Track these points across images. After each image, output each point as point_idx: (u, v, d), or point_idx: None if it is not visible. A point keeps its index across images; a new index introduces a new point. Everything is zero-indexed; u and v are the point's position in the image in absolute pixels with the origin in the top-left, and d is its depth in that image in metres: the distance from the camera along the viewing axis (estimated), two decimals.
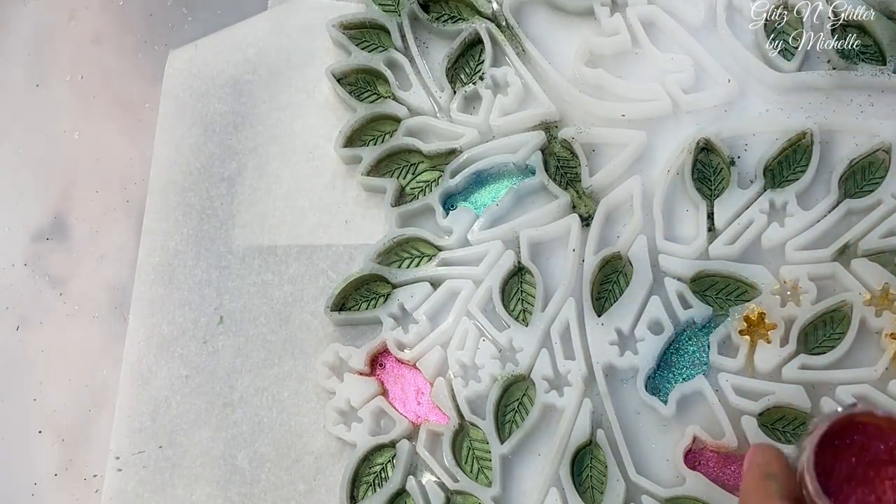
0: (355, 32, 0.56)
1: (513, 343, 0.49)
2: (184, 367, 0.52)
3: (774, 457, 0.37)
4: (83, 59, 0.61)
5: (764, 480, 0.36)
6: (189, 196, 0.55)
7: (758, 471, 0.37)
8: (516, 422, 0.48)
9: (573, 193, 0.52)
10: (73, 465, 0.52)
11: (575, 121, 0.53)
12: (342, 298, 0.51)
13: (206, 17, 0.61)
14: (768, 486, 0.36)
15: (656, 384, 0.48)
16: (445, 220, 0.51)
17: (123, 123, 0.59)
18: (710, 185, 0.51)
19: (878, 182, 0.49)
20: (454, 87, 0.54)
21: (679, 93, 0.52)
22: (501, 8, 0.55)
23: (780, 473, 0.36)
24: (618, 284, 0.50)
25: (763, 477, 0.37)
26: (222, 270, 0.53)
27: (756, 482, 0.37)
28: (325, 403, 0.50)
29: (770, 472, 0.37)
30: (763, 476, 0.37)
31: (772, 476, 0.36)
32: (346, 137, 0.54)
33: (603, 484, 0.46)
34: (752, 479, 0.37)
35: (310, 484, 0.49)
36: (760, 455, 0.38)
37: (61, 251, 0.57)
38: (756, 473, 0.37)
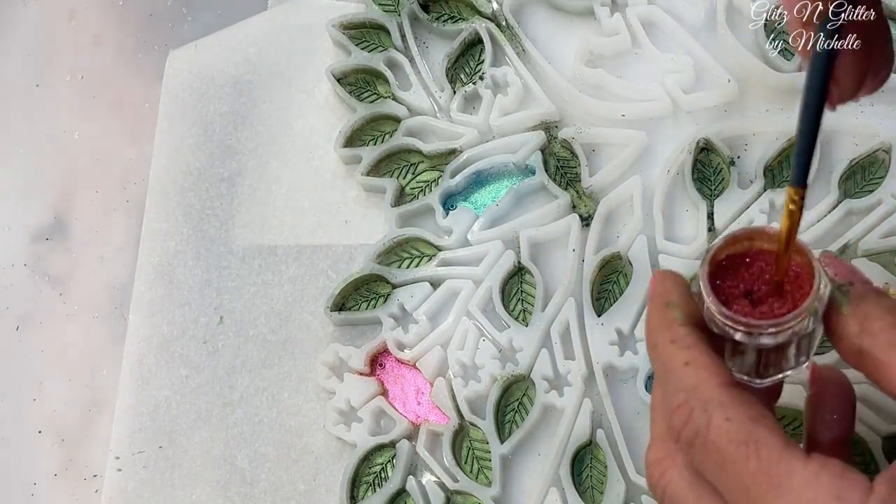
0: (355, 32, 0.56)
1: (513, 343, 0.49)
2: (184, 367, 0.52)
3: (673, 284, 0.36)
4: (83, 59, 0.61)
5: (664, 310, 0.35)
6: (189, 196, 0.55)
7: (658, 301, 0.36)
8: (516, 422, 0.48)
9: (573, 193, 0.52)
10: (73, 465, 0.52)
11: (575, 121, 0.53)
12: (342, 298, 0.51)
13: (206, 17, 0.61)
14: (668, 314, 0.35)
15: None
16: (445, 220, 0.51)
17: (123, 123, 0.59)
18: (710, 185, 0.51)
19: (878, 182, 0.49)
20: (454, 87, 0.54)
21: (679, 93, 0.52)
22: (501, 8, 0.55)
23: (680, 300, 0.35)
24: (618, 284, 0.50)
25: (663, 306, 0.35)
26: (222, 270, 0.53)
27: (657, 312, 0.36)
28: (325, 403, 0.50)
29: (670, 300, 0.35)
30: (663, 305, 0.35)
31: (672, 304, 0.35)
32: (346, 137, 0.54)
33: (603, 484, 0.46)
34: (653, 310, 0.36)
35: (310, 484, 0.49)
36: (659, 284, 0.36)
37: (61, 251, 0.57)
38: (656, 303, 0.36)
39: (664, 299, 0.36)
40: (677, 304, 0.35)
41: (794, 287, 0.35)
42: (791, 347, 0.35)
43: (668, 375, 0.34)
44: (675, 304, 0.35)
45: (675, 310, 0.35)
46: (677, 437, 0.34)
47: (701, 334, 0.35)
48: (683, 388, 0.33)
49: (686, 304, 0.35)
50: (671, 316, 0.35)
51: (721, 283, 0.35)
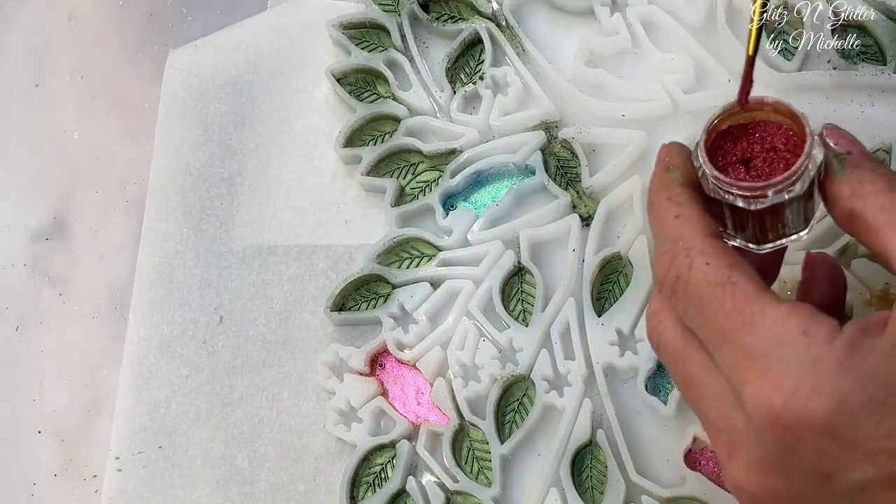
0: (355, 32, 0.56)
1: (513, 343, 0.49)
2: (184, 367, 0.52)
3: (676, 151, 0.38)
4: (83, 59, 0.61)
5: (665, 172, 0.38)
6: (189, 196, 0.55)
7: (661, 165, 0.38)
8: (516, 422, 0.48)
9: (573, 193, 0.52)
10: (73, 465, 0.52)
11: (575, 121, 0.53)
12: (342, 298, 0.51)
13: (206, 17, 0.61)
14: (668, 175, 0.37)
15: (656, 384, 0.48)
16: (445, 220, 0.51)
17: (123, 123, 0.59)
18: None
19: None
20: (454, 87, 0.54)
21: (679, 93, 0.52)
22: (501, 8, 0.55)
23: (681, 164, 0.38)
24: (618, 284, 0.50)
25: (664, 169, 0.38)
26: (222, 270, 0.53)
27: (658, 174, 0.38)
28: (325, 403, 0.50)
29: (671, 163, 0.38)
30: (664, 169, 0.38)
31: (672, 167, 0.37)
32: (346, 137, 0.54)
33: (603, 484, 0.46)
34: (655, 173, 0.38)
35: (310, 484, 0.49)
36: (665, 151, 0.38)
37: (61, 251, 0.57)
38: (659, 168, 0.38)
39: (666, 163, 0.38)
40: (677, 166, 0.37)
41: (792, 155, 0.36)
42: (787, 212, 0.36)
43: (660, 229, 0.37)
44: (676, 166, 0.37)
45: (675, 172, 0.37)
46: (661, 282, 0.36)
47: (695, 195, 0.37)
48: (670, 237, 0.36)
49: (685, 167, 0.38)
50: (670, 178, 0.37)
51: (720, 151, 0.37)
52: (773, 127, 0.37)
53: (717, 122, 0.37)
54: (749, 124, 0.38)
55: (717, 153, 0.37)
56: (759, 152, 0.37)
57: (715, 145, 0.37)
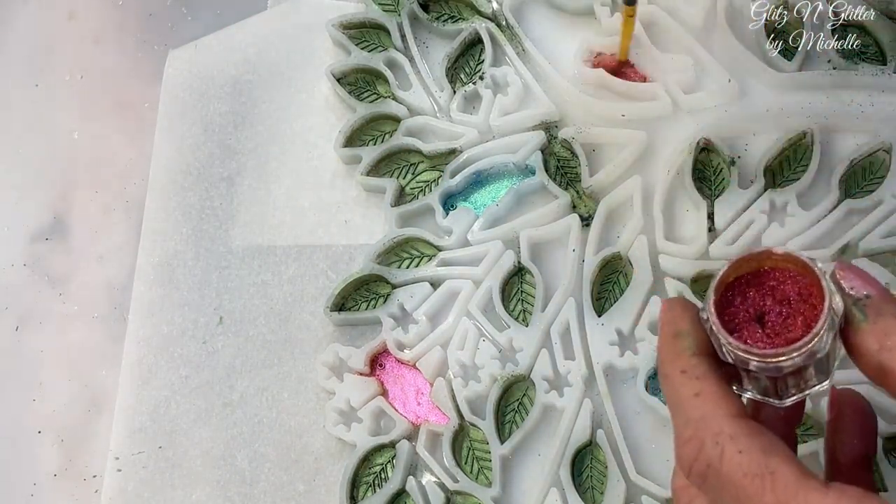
0: (355, 32, 0.56)
1: (513, 343, 0.49)
2: (184, 367, 0.52)
3: (681, 312, 0.35)
4: (83, 59, 0.61)
5: (674, 339, 0.35)
6: (189, 196, 0.55)
7: (667, 330, 0.35)
8: (516, 422, 0.48)
9: (573, 193, 0.52)
10: (73, 465, 0.52)
11: (575, 121, 0.53)
12: (342, 299, 0.51)
13: (206, 17, 0.61)
14: (678, 343, 0.34)
15: (656, 384, 0.48)
16: (445, 220, 0.51)
17: (123, 123, 0.59)
18: (710, 185, 0.51)
19: (878, 182, 0.49)
20: (454, 87, 0.54)
21: (679, 93, 0.52)
22: (501, 8, 0.55)
23: (690, 328, 0.34)
24: (618, 285, 0.50)
25: (673, 336, 0.35)
26: (222, 270, 0.53)
27: (667, 343, 0.35)
28: (325, 403, 0.50)
29: (679, 329, 0.34)
30: (673, 335, 0.35)
31: (681, 333, 0.34)
32: (346, 137, 0.54)
33: (603, 484, 0.46)
34: (663, 340, 0.35)
35: (309, 484, 0.49)
36: (668, 312, 0.35)
37: (61, 251, 0.57)
38: (666, 333, 0.35)
39: (673, 328, 0.35)
40: (687, 332, 0.34)
41: (807, 307, 0.34)
42: (810, 368, 0.34)
43: (678, 407, 0.34)
44: (685, 332, 0.34)
45: (685, 339, 0.34)
46: (688, 470, 0.33)
47: (712, 363, 0.34)
48: (692, 419, 0.33)
49: (696, 332, 0.35)
50: (681, 346, 0.34)
51: (729, 308, 0.35)
52: (782, 275, 0.35)
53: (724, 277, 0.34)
54: (758, 273, 0.35)
55: (728, 310, 0.34)
56: (772, 306, 0.34)
57: (724, 300, 0.35)
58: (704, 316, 0.35)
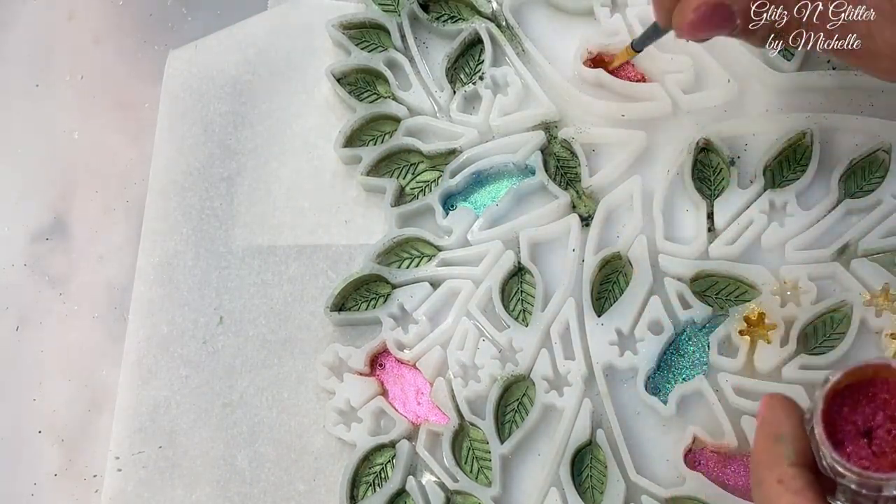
0: (355, 32, 0.56)
1: (513, 343, 0.49)
2: (184, 367, 0.52)
3: (785, 415, 0.34)
4: (83, 59, 0.61)
5: (773, 443, 0.33)
6: (189, 196, 0.55)
7: (767, 431, 0.34)
8: (516, 422, 0.48)
9: (573, 193, 0.52)
10: (73, 465, 0.52)
11: (575, 121, 0.53)
12: (342, 298, 0.51)
13: (206, 17, 0.61)
14: (777, 450, 0.33)
15: (656, 384, 0.48)
16: (445, 220, 0.51)
17: (123, 123, 0.59)
18: (710, 185, 0.51)
19: (878, 182, 0.49)
20: (454, 87, 0.54)
21: (679, 93, 0.52)
22: (501, 8, 0.55)
23: (791, 435, 0.33)
24: (618, 284, 0.50)
25: (773, 439, 0.33)
26: (222, 270, 0.53)
27: (765, 445, 0.34)
28: (325, 403, 0.50)
29: (780, 433, 0.33)
30: (773, 438, 0.33)
31: (782, 438, 0.33)
32: (346, 137, 0.54)
33: (603, 484, 0.46)
34: (761, 442, 0.34)
35: (310, 484, 0.49)
36: (770, 412, 0.34)
37: (61, 251, 0.57)
38: (765, 434, 0.34)
39: (774, 431, 0.34)
40: (788, 438, 0.33)
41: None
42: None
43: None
44: (786, 438, 0.33)
45: (786, 446, 0.33)
46: None
47: (811, 476, 0.33)
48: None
49: (797, 439, 0.33)
50: (780, 452, 0.33)
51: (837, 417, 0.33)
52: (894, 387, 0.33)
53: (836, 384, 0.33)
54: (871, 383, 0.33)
55: (834, 419, 0.33)
56: (881, 421, 0.33)
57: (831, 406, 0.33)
58: (808, 417, 0.33)
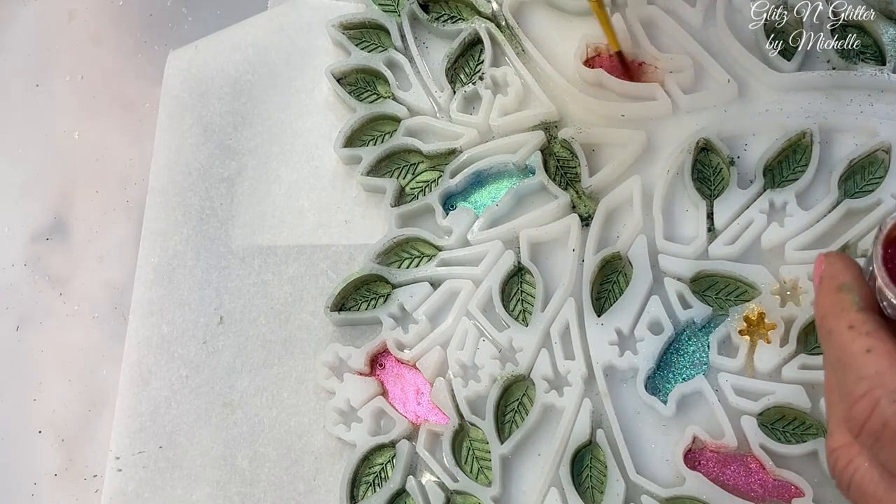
0: (355, 32, 0.56)
1: (513, 343, 0.49)
2: (184, 367, 0.52)
3: (845, 266, 0.34)
4: (83, 59, 0.61)
5: (837, 293, 0.33)
6: (189, 196, 0.55)
7: (830, 283, 0.34)
8: (516, 422, 0.48)
9: (573, 193, 0.52)
10: (73, 465, 0.52)
11: (575, 121, 0.53)
12: (342, 298, 0.51)
13: (206, 17, 0.61)
14: (843, 298, 0.33)
15: (656, 384, 0.48)
16: (445, 220, 0.51)
17: (123, 123, 0.59)
18: (709, 185, 0.51)
19: (877, 182, 0.49)
20: (454, 87, 0.54)
21: (679, 93, 0.52)
22: (501, 8, 0.55)
23: (854, 283, 0.33)
24: (618, 284, 0.50)
25: (836, 290, 0.34)
26: (222, 270, 0.53)
27: (829, 296, 0.34)
28: (325, 403, 0.50)
29: (843, 282, 0.34)
30: (836, 289, 0.34)
31: (845, 287, 0.34)
32: (346, 137, 0.54)
33: (603, 484, 0.46)
34: (826, 294, 0.34)
35: (310, 484, 0.49)
36: (830, 266, 0.34)
37: (61, 251, 0.57)
38: (828, 287, 0.34)
39: (837, 282, 0.34)
40: (851, 286, 0.34)
41: None
42: None
43: (847, 363, 0.32)
44: (850, 286, 0.34)
45: (851, 293, 0.33)
46: (859, 429, 0.32)
47: (881, 320, 0.33)
48: (866, 376, 0.32)
49: (861, 287, 0.34)
50: (846, 300, 0.33)
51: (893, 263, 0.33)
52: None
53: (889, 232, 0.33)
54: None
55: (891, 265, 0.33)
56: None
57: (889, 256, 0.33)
58: (870, 269, 0.33)
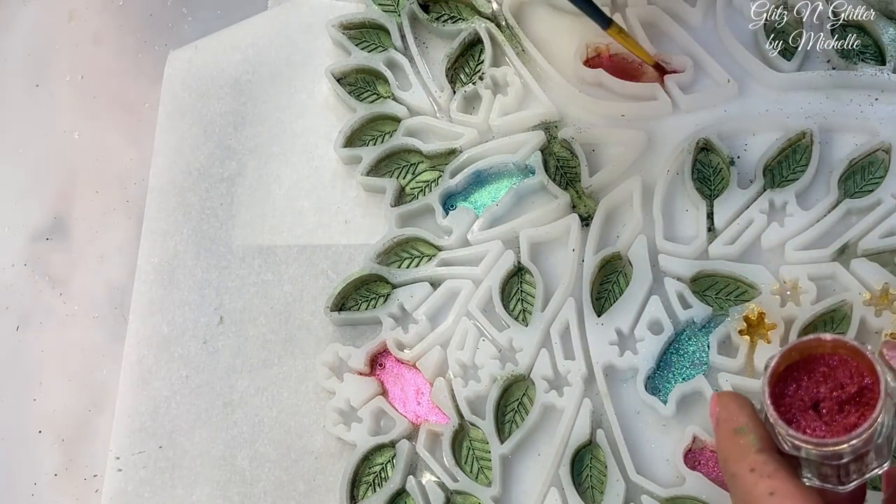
0: (355, 32, 0.56)
1: (513, 343, 0.49)
2: (184, 367, 0.52)
3: (737, 407, 0.35)
4: (83, 59, 0.61)
5: (735, 436, 0.35)
6: (189, 196, 0.55)
7: (726, 427, 0.35)
8: (516, 422, 0.48)
9: (573, 193, 0.52)
10: (73, 465, 0.52)
11: (575, 121, 0.53)
12: (342, 298, 0.51)
13: (206, 17, 0.61)
14: (741, 441, 0.34)
15: (656, 384, 0.48)
16: (445, 220, 0.51)
17: (123, 123, 0.59)
18: (709, 185, 0.51)
19: (877, 182, 0.49)
20: (454, 87, 0.54)
21: (679, 93, 0.52)
22: (501, 8, 0.55)
23: (750, 423, 0.35)
24: (618, 284, 0.50)
25: (733, 433, 0.35)
26: (222, 270, 0.53)
27: (728, 440, 0.35)
28: (325, 403, 0.50)
29: (739, 425, 0.35)
30: (733, 432, 0.35)
31: (742, 430, 0.35)
32: (346, 137, 0.54)
33: (603, 484, 0.46)
34: (724, 437, 0.35)
35: (310, 484, 0.49)
36: (724, 409, 0.35)
37: (61, 251, 0.57)
38: (725, 430, 0.35)
39: (732, 425, 0.35)
40: (748, 427, 0.34)
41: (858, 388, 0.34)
42: (870, 452, 0.34)
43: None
44: (746, 428, 0.34)
45: (748, 435, 0.34)
46: None
47: (779, 458, 0.34)
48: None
49: (756, 427, 0.34)
50: (744, 442, 0.34)
51: (784, 399, 0.35)
52: (832, 360, 0.35)
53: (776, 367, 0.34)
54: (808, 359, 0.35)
55: (783, 401, 0.34)
56: (826, 392, 0.34)
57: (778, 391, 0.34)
58: (759, 407, 0.34)
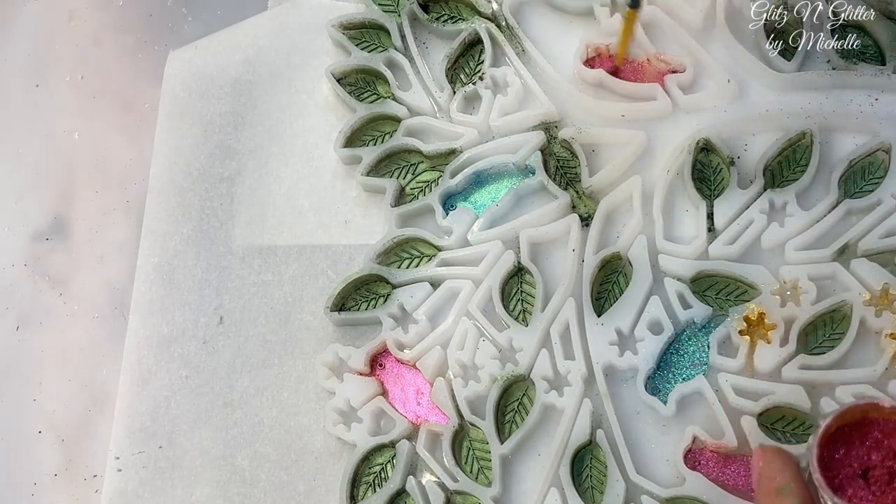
0: (355, 32, 0.56)
1: (513, 343, 0.49)
2: (184, 367, 0.52)
3: (782, 466, 0.35)
4: (83, 59, 0.61)
5: (776, 497, 0.34)
6: (189, 196, 0.55)
7: (768, 485, 0.35)
8: (516, 422, 0.48)
9: (573, 193, 0.52)
10: (73, 465, 0.52)
11: (575, 121, 0.53)
12: (342, 298, 0.51)
13: (206, 17, 0.61)
14: (781, 502, 0.34)
15: (656, 384, 0.48)
16: (445, 221, 0.51)
17: (123, 123, 0.59)
18: (709, 185, 0.51)
19: (877, 182, 0.49)
20: (454, 87, 0.54)
21: (679, 93, 0.52)
22: (501, 8, 0.55)
23: (792, 484, 0.34)
24: (618, 284, 0.50)
25: (775, 492, 0.34)
26: (222, 270, 0.53)
27: (768, 499, 0.34)
28: (325, 403, 0.50)
29: (781, 485, 0.34)
30: (774, 492, 0.34)
31: (783, 490, 0.34)
32: (346, 137, 0.54)
33: (603, 484, 0.46)
34: (764, 496, 0.35)
35: (310, 484, 0.49)
36: (767, 465, 0.35)
37: (61, 251, 0.57)
38: (766, 488, 0.35)
39: (775, 484, 0.34)
40: (790, 490, 0.34)
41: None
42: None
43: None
44: (788, 489, 0.34)
45: (788, 497, 0.34)
46: None
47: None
48: None
49: (800, 490, 0.34)
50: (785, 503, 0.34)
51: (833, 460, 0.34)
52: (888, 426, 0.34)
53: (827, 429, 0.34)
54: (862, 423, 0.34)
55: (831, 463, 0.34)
56: (877, 460, 0.34)
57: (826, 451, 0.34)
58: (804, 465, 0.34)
